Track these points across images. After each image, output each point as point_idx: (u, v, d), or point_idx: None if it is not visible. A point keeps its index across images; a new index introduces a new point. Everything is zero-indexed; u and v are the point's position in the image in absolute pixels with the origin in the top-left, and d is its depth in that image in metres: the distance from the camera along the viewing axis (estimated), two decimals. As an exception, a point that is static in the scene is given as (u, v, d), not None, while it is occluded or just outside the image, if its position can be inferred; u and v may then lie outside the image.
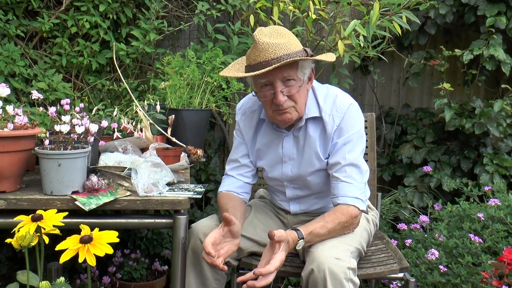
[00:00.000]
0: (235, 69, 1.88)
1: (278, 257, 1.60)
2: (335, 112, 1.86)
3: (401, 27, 2.68)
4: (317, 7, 2.74)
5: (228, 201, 1.97)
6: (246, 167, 2.07)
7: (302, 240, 1.69)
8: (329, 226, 1.76)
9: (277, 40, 1.71)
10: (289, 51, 1.71)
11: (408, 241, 2.67)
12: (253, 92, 1.92)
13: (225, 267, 1.70)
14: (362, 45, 2.76)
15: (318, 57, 1.80)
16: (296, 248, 1.69)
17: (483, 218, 2.63)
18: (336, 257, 1.64)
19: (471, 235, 2.52)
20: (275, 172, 2.01)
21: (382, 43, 3.03)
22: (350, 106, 1.87)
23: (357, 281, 1.67)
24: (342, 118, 1.86)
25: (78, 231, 1.34)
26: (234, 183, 2.05)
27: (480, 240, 2.49)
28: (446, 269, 2.42)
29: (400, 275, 1.93)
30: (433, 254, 2.46)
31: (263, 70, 1.68)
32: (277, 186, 2.08)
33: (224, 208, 1.92)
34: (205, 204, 3.35)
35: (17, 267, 2.78)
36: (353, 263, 1.67)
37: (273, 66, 1.67)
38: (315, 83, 1.95)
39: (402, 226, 2.84)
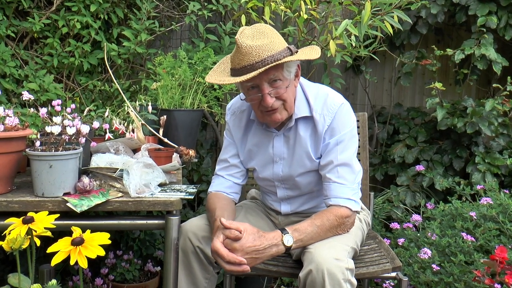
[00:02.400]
0: (220, 70, 1.85)
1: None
2: (326, 112, 1.85)
3: (392, 26, 2.69)
4: (308, 7, 2.74)
5: (216, 200, 1.96)
6: (236, 168, 2.06)
7: (287, 234, 1.68)
8: (317, 223, 1.74)
9: (260, 41, 1.68)
10: (273, 51, 1.68)
11: (401, 240, 2.68)
12: (241, 95, 1.91)
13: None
14: (353, 44, 2.76)
15: (302, 57, 1.75)
16: (285, 243, 1.67)
17: (475, 217, 2.64)
18: (335, 258, 1.63)
19: (464, 234, 2.53)
20: (266, 172, 2.01)
21: (373, 43, 3.04)
22: (341, 106, 1.86)
23: (355, 281, 1.66)
24: (333, 117, 1.84)
25: (70, 233, 1.33)
26: (224, 183, 2.05)
27: (473, 238, 2.50)
28: (438, 268, 2.43)
29: (393, 274, 1.94)
30: (426, 253, 2.46)
31: (248, 76, 1.66)
32: (268, 187, 2.08)
33: (211, 208, 1.91)
34: (197, 205, 3.34)
35: (9, 270, 2.76)
36: (351, 264, 1.67)
37: (258, 71, 1.65)
38: (305, 81, 1.94)
39: (394, 225, 2.84)
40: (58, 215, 1.44)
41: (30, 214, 1.38)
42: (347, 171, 1.84)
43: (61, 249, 1.25)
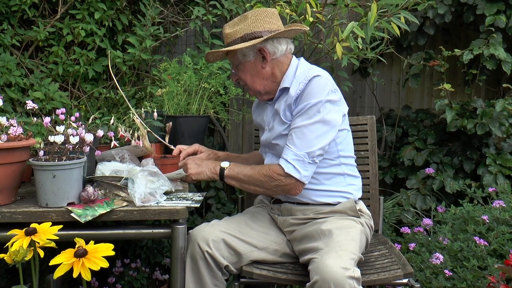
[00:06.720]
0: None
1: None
2: (302, 80, 1.93)
3: (399, 28, 2.65)
4: (314, 9, 2.71)
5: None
6: None
7: (226, 161, 2.00)
8: (252, 167, 1.95)
9: (230, 29, 2.00)
10: (232, 38, 1.98)
11: (412, 245, 2.63)
12: None
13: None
14: (360, 47, 2.72)
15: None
16: (221, 165, 1.98)
17: (487, 220, 2.59)
18: (341, 267, 1.61)
19: (476, 238, 2.48)
20: (262, 137, 2.17)
21: (380, 45, 3.00)
22: (316, 77, 1.91)
23: None
24: (306, 84, 1.91)
25: (75, 243, 1.31)
26: None
27: (486, 242, 2.46)
28: (451, 273, 2.38)
29: (405, 280, 1.90)
30: (438, 258, 2.42)
31: (211, 50, 2.09)
32: (263, 154, 2.20)
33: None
34: (205, 211, 3.31)
35: (16, 280, 2.75)
36: (357, 273, 1.64)
37: (213, 55, 2.10)
38: (304, 62, 2.07)
39: (405, 229, 2.80)
40: (61, 226, 1.42)
41: (33, 225, 1.36)
42: (298, 136, 1.89)
43: (64, 261, 1.23)
